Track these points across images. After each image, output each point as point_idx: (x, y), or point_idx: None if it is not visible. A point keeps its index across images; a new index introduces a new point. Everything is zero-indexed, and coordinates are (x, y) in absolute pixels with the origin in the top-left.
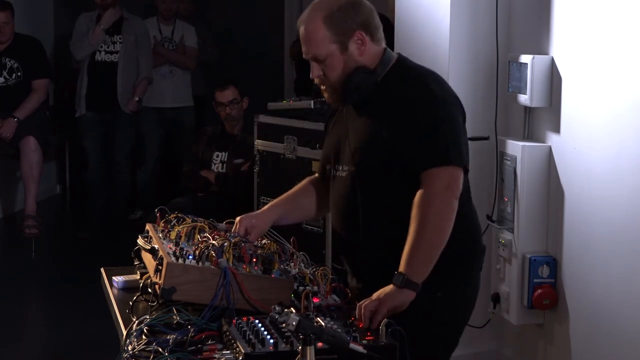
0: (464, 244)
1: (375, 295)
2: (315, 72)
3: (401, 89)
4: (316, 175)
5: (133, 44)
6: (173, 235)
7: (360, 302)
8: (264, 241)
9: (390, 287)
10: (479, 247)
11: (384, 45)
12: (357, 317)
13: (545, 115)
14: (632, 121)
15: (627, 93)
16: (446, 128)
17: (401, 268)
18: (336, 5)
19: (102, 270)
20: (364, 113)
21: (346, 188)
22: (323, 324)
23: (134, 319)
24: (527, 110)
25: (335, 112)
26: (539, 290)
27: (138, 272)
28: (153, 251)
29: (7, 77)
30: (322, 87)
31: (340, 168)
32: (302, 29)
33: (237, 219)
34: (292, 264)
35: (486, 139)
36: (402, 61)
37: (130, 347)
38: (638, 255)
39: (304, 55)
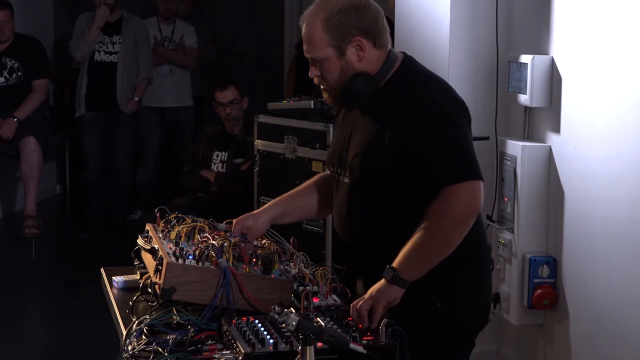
0: (464, 254)
1: (367, 294)
2: (313, 72)
3: (404, 98)
4: (327, 172)
5: (133, 44)
6: (173, 235)
7: (354, 303)
8: (264, 241)
9: (381, 282)
10: (482, 253)
11: (388, 48)
12: (353, 318)
13: (545, 115)
14: (632, 121)
15: (627, 93)
16: (460, 142)
17: (395, 263)
18: (337, 7)
19: (102, 270)
20: (366, 118)
21: (344, 194)
22: (323, 324)
23: (134, 319)
24: (527, 110)
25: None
26: (539, 290)
27: (138, 272)
28: (153, 251)
29: (8, 77)
30: (322, 87)
31: (343, 173)
32: (303, 26)
33: (234, 221)
34: (292, 264)
35: (486, 139)
36: (408, 63)
37: (130, 347)
38: (638, 255)
39: (304, 53)
